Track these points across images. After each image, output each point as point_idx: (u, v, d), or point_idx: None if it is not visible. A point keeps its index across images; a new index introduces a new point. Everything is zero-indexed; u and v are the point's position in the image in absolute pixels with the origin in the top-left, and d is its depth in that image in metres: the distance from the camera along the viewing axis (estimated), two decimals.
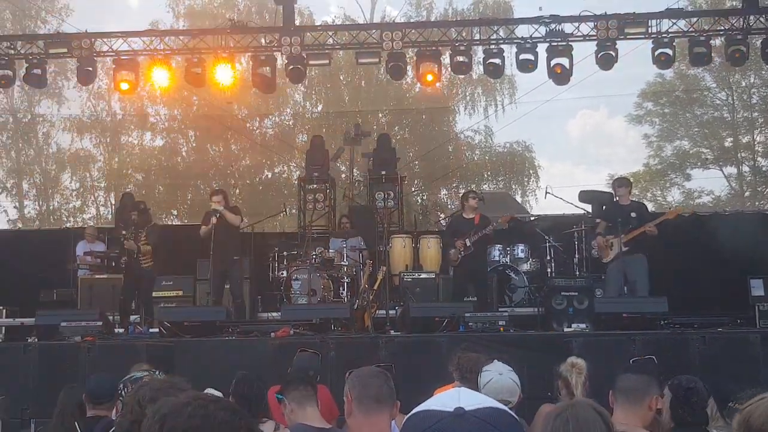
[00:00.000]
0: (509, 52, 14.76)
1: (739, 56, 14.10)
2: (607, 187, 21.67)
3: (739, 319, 10.47)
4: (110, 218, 27.38)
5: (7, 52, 14.70)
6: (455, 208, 23.81)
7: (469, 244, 12.09)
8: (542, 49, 14.12)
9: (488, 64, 14.47)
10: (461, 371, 5.63)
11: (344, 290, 13.03)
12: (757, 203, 30.11)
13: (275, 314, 12.36)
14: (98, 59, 15.14)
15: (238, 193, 28.61)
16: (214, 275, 12.15)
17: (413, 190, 28.04)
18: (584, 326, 10.31)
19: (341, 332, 10.25)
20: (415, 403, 1.91)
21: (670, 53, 14.00)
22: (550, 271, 13.99)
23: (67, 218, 31.04)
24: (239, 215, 12.60)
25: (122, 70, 14.62)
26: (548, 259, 14.10)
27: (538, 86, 21.61)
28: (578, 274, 13.64)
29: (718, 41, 16.13)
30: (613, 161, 37.15)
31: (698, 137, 32.48)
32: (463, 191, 26.44)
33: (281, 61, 15.38)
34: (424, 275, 13.68)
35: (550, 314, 10.99)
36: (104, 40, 14.82)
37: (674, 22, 14.16)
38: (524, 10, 29.69)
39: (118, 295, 12.55)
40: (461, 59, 14.45)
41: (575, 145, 41.15)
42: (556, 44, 14.10)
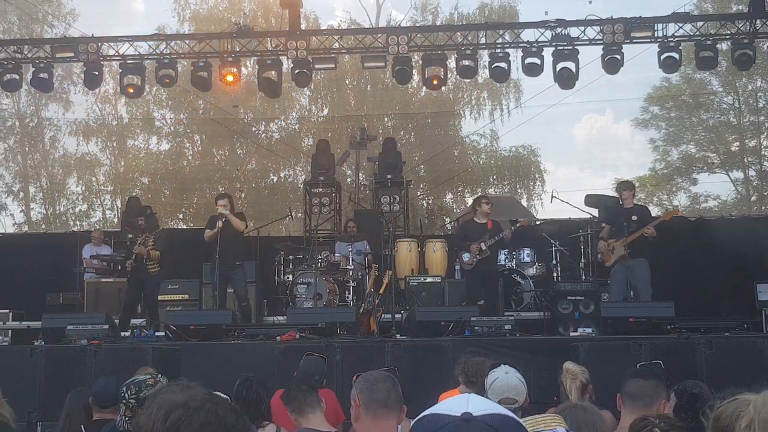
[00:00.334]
0: (515, 56, 14.84)
1: (745, 60, 14.11)
2: (612, 191, 21.66)
3: (746, 323, 10.42)
4: (116, 222, 27.42)
5: (14, 56, 14.75)
6: (461, 212, 23.81)
7: (485, 248, 12.06)
8: (548, 53, 14.14)
9: (494, 68, 14.50)
10: (467, 375, 5.64)
11: (350, 294, 13.06)
12: (763, 207, 29.98)
13: (281, 318, 12.36)
14: (105, 63, 15.19)
15: (243, 196, 28.59)
16: (218, 279, 12.16)
17: (419, 194, 28.01)
18: (590, 330, 10.30)
19: (347, 336, 10.24)
20: (420, 407, 1.91)
21: (676, 57, 14.02)
22: (556, 275, 13.97)
23: (73, 222, 31.06)
24: (244, 221, 12.64)
25: (129, 74, 14.68)
26: (554, 263, 14.08)
27: (543, 90, 21.66)
28: (584, 278, 13.66)
29: (724, 45, 16.14)
30: (619, 165, 37.03)
31: (704, 141, 32.39)
32: (470, 196, 26.59)
33: (287, 65, 15.42)
34: (429, 279, 13.71)
35: (556, 318, 11.00)
36: (111, 44, 14.88)
37: (680, 25, 14.17)
38: (530, 14, 29.72)
39: (123, 298, 12.58)
40: (467, 63, 14.46)
41: (581, 149, 41.05)
42: (562, 48, 14.11)
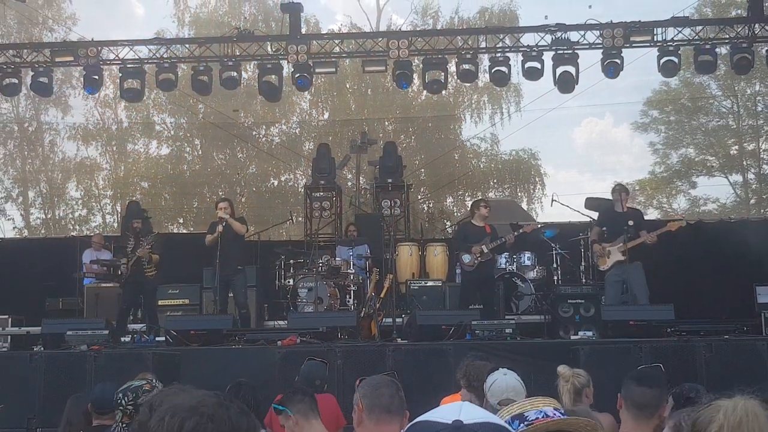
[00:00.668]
0: (515, 60, 14.83)
1: (744, 64, 14.13)
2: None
3: (745, 326, 10.43)
4: (116, 227, 27.38)
5: (13, 60, 14.73)
6: (461, 215, 23.79)
7: (487, 250, 12.05)
8: (548, 57, 14.17)
9: (494, 72, 14.52)
10: (468, 379, 5.62)
11: (351, 298, 13.03)
12: (762, 211, 30.01)
13: (282, 322, 12.35)
14: (104, 67, 15.19)
15: (244, 201, 28.60)
16: (219, 284, 12.15)
17: (419, 197, 27.98)
18: (591, 334, 10.31)
19: (348, 340, 10.23)
20: (421, 411, 1.91)
21: (675, 61, 14.04)
22: (556, 278, 13.96)
23: (73, 227, 31.02)
24: (245, 225, 12.63)
25: (128, 78, 14.69)
26: (554, 266, 14.07)
27: (544, 94, 21.70)
28: (584, 281, 13.65)
29: (723, 49, 16.16)
30: (618, 169, 37.11)
31: (704, 145, 32.41)
32: (470, 199, 26.52)
33: (287, 69, 15.43)
34: (430, 283, 13.71)
35: (556, 322, 11.00)
36: (110, 48, 14.88)
37: (679, 30, 14.20)
38: (530, 18, 29.75)
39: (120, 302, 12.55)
40: (467, 67, 14.48)
41: (581, 152, 41.16)
42: (562, 52, 14.12)
